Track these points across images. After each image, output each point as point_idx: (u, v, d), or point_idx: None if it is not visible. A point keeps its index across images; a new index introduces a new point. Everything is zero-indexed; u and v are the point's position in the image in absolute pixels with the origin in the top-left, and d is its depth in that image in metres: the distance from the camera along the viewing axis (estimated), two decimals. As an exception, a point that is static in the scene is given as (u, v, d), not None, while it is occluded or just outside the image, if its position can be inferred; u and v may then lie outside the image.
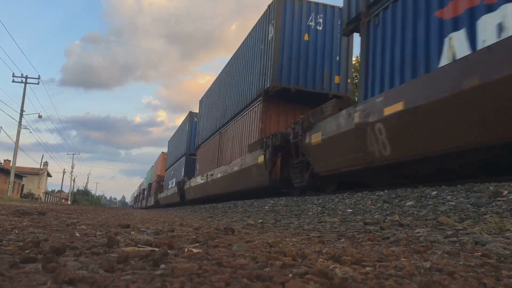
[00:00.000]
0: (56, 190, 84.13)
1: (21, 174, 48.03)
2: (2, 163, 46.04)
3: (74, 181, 74.63)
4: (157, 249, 1.71)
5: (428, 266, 1.55)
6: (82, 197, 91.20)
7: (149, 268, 1.32)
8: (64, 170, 75.88)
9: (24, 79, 33.51)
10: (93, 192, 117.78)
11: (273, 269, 1.35)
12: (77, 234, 2.44)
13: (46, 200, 56.39)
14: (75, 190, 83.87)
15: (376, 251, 2.05)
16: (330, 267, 1.44)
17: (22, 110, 33.34)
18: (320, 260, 1.62)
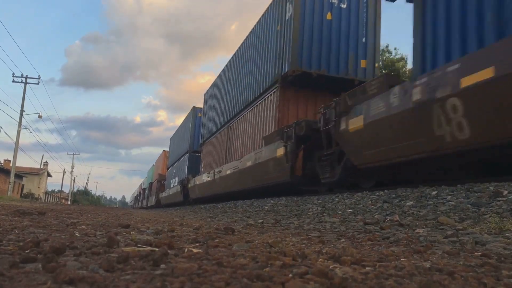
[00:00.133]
0: (56, 190, 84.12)
1: (21, 174, 48.02)
2: (2, 163, 46.03)
3: (74, 181, 74.70)
4: (157, 249, 1.71)
5: (428, 266, 1.55)
6: (82, 197, 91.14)
7: (149, 268, 1.32)
8: (64, 170, 75.88)
9: (24, 79, 33.50)
10: (93, 192, 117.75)
11: (273, 269, 1.35)
12: (77, 234, 2.44)
13: (46, 200, 56.38)
14: (75, 190, 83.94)
15: (376, 251, 2.06)
16: (330, 267, 1.44)
17: (22, 110, 33.34)
18: (320, 260, 1.62)
